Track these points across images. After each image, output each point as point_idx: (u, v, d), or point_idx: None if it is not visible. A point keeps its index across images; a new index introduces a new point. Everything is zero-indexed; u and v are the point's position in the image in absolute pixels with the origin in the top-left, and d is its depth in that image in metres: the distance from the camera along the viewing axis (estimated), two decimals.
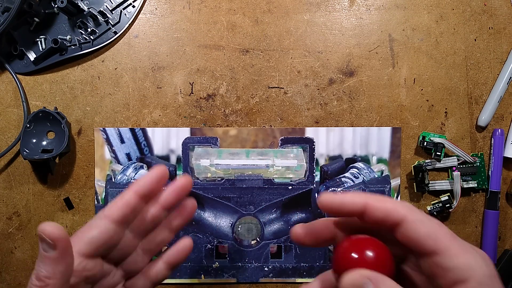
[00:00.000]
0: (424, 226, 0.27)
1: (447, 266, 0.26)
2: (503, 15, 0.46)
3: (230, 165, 0.45)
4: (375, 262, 0.27)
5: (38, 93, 0.46)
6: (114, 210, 0.31)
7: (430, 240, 0.27)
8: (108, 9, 0.45)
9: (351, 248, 0.27)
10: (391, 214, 0.27)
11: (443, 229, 0.28)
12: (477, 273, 0.26)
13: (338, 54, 0.46)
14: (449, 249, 0.27)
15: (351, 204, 0.28)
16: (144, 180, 0.32)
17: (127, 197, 0.32)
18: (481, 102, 0.46)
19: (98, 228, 0.31)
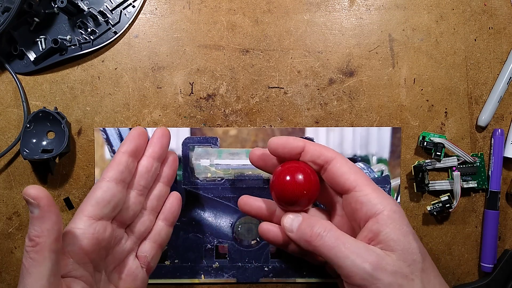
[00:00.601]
0: (347, 166, 0.33)
1: (362, 200, 0.31)
2: (503, 15, 0.46)
3: (230, 165, 0.45)
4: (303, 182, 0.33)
5: (38, 93, 0.46)
6: (110, 170, 0.34)
7: (351, 176, 0.32)
8: (108, 9, 0.45)
9: (285, 172, 0.33)
10: (323, 154, 0.33)
11: (361, 172, 0.33)
12: (386, 209, 0.31)
13: (338, 54, 0.46)
14: (364, 186, 0.32)
15: (293, 144, 0.34)
16: (127, 139, 0.36)
17: (117, 158, 0.35)
18: (481, 102, 0.46)
19: (100, 188, 0.33)
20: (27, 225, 0.45)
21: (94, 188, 0.34)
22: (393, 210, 0.31)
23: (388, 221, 0.30)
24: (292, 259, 0.45)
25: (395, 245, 0.29)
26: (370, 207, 0.31)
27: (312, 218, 0.32)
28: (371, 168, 0.45)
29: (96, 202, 0.33)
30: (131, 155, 0.36)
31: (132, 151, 0.36)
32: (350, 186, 0.32)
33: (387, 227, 0.30)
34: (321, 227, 0.31)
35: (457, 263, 0.46)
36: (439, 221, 0.46)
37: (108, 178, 0.34)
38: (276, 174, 0.34)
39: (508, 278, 0.44)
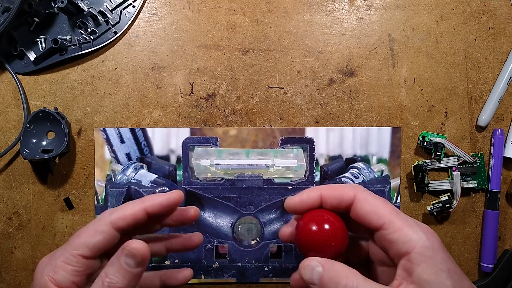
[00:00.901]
0: (368, 203, 0.30)
1: (391, 239, 0.29)
2: (503, 15, 0.46)
3: (230, 165, 0.45)
4: (329, 232, 0.30)
5: (38, 93, 0.46)
6: (120, 220, 0.32)
7: (375, 216, 0.30)
8: (108, 9, 0.45)
9: (310, 221, 0.31)
10: (343, 198, 0.31)
11: (387, 206, 0.30)
12: (417, 245, 0.28)
13: (338, 54, 0.46)
14: (391, 223, 0.29)
15: (308, 199, 0.32)
16: (158, 200, 0.33)
17: (136, 210, 0.32)
18: (481, 102, 0.46)
19: (103, 234, 0.31)
20: (27, 225, 0.45)
21: (97, 230, 0.32)
22: (424, 246, 0.29)
23: (419, 259, 0.28)
24: (292, 259, 0.45)
25: (426, 286, 0.28)
26: (401, 245, 0.29)
27: (334, 268, 0.29)
28: (371, 168, 0.45)
29: (94, 247, 0.31)
30: (150, 216, 0.33)
31: (153, 215, 0.33)
32: (377, 225, 0.30)
33: (419, 266, 0.28)
34: (346, 279, 0.28)
35: (457, 263, 0.46)
36: (439, 221, 0.46)
37: (115, 226, 0.32)
38: (301, 225, 0.32)
39: (508, 278, 0.44)
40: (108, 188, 0.45)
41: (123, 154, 0.46)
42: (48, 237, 0.45)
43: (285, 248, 0.45)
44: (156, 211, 0.33)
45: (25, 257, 0.45)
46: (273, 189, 0.45)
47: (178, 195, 0.34)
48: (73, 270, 0.31)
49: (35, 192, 0.46)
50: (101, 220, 0.32)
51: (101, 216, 0.32)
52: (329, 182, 0.45)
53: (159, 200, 0.33)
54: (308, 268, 0.30)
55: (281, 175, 0.45)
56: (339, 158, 0.46)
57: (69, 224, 0.46)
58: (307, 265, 0.30)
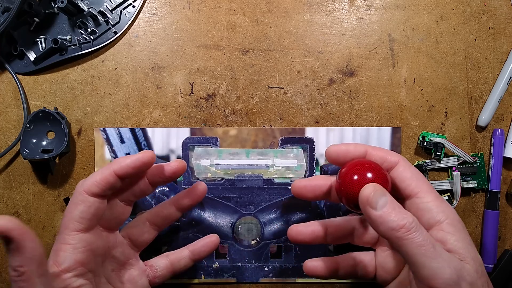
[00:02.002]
0: (410, 171, 0.32)
1: (424, 207, 0.30)
2: (503, 15, 0.46)
3: (230, 165, 0.45)
4: (381, 182, 0.30)
5: (38, 93, 0.46)
6: (93, 186, 0.32)
7: (414, 182, 0.31)
8: (108, 9, 0.45)
9: (361, 169, 0.30)
10: (386, 160, 0.32)
11: (424, 179, 0.32)
12: (450, 216, 0.30)
13: (338, 54, 0.46)
14: (427, 193, 0.30)
15: (355, 151, 0.33)
16: (126, 162, 0.33)
17: (105, 174, 0.33)
18: (481, 102, 0.46)
19: (82, 203, 0.32)
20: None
21: (76, 201, 0.32)
22: (456, 219, 0.30)
23: (452, 230, 0.29)
24: (292, 259, 0.45)
25: (466, 254, 0.28)
26: (433, 215, 0.30)
27: (400, 206, 0.29)
28: None
29: (80, 218, 0.32)
30: (121, 178, 0.33)
31: (124, 176, 0.33)
32: (412, 192, 0.31)
33: (453, 235, 0.29)
34: (412, 219, 0.28)
35: None
36: None
37: (89, 192, 0.32)
38: (345, 173, 0.31)
39: (508, 278, 0.44)
40: None
41: (123, 154, 0.46)
42: (48, 237, 0.45)
43: (285, 248, 0.45)
44: (127, 173, 0.33)
45: None
46: (273, 189, 0.45)
47: (148, 155, 0.33)
48: (72, 248, 0.31)
49: (35, 192, 0.46)
50: (76, 192, 0.32)
51: (75, 189, 0.33)
52: None
53: (127, 162, 0.33)
54: (378, 193, 0.28)
55: (281, 175, 0.45)
56: None
57: None
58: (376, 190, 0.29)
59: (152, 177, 0.36)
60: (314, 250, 0.45)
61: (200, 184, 0.39)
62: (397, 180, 0.32)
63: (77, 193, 0.32)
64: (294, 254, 0.45)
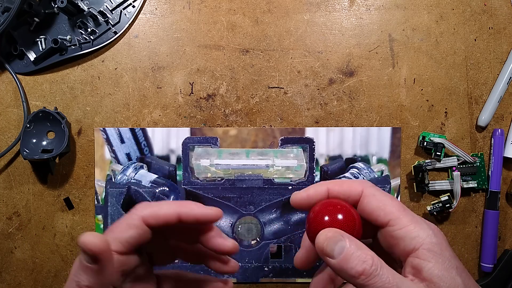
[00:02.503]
0: (376, 199, 0.30)
1: (397, 236, 0.28)
2: (503, 15, 0.46)
3: (230, 165, 0.45)
4: (344, 223, 0.29)
5: (38, 93, 0.46)
6: (152, 218, 0.31)
7: (381, 212, 0.29)
8: (108, 9, 0.45)
9: (323, 212, 0.29)
10: (351, 193, 0.30)
11: (394, 202, 0.30)
12: (425, 241, 0.28)
13: (338, 54, 0.46)
14: (398, 220, 0.29)
15: (315, 194, 0.31)
16: (195, 211, 0.31)
17: (170, 212, 0.31)
18: (481, 102, 0.46)
19: (135, 229, 0.30)
20: (27, 225, 0.45)
21: (130, 224, 0.30)
22: (432, 242, 0.28)
23: (429, 256, 0.28)
24: (292, 259, 0.45)
25: (440, 281, 0.27)
26: (408, 242, 0.28)
27: (359, 245, 0.28)
28: (371, 168, 0.45)
29: (127, 242, 0.30)
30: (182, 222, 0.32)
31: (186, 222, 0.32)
32: (383, 222, 0.29)
33: (428, 262, 0.27)
34: (371, 261, 0.27)
35: None
36: (439, 221, 0.46)
37: (147, 223, 0.31)
38: (308, 221, 0.30)
39: (508, 278, 0.44)
40: (108, 188, 0.45)
41: (123, 154, 0.46)
42: (48, 237, 0.45)
43: (285, 248, 0.45)
44: (189, 220, 0.31)
45: (25, 257, 0.45)
46: (273, 189, 0.45)
47: (217, 213, 0.32)
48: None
49: (35, 192, 0.46)
50: (133, 214, 0.31)
51: (134, 210, 0.31)
52: None
53: (195, 212, 0.31)
54: (332, 240, 0.27)
55: (281, 175, 0.45)
56: (339, 158, 0.46)
57: (69, 224, 0.46)
58: (331, 236, 0.28)
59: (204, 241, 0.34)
60: None
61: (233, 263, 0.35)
62: (365, 213, 0.30)
63: (134, 216, 0.31)
64: (294, 254, 0.45)
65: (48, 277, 0.45)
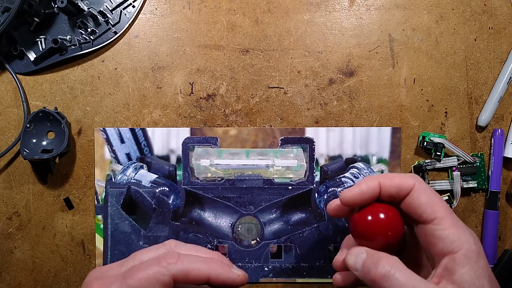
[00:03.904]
0: (426, 195, 0.30)
1: (439, 235, 0.29)
2: (503, 15, 0.46)
3: (230, 165, 0.45)
4: (387, 223, 0.30)
5: (38, 93, 0.46)
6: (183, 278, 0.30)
7: (429, 209, 0.30)
8: (108, 9, 0.45)
9: (367, 211, 0.31)
10: (403, 186, 0.31)
11: (442, 202, 0.30)
12: (464, 247, 0.29)
13: (338, 54, 0.46)
14: (443, 220, 0.29)
15: (368, 189, 0.31)
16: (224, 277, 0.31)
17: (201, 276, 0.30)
18: (481, 102, 0.46)
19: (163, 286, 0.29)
20: (27, 225, 0.45)
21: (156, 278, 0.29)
22: (471, 249, 0.29)
23: (464, 261, 0.28)
24: (292, 259, 0.45)
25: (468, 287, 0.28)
26: (447, 244, 0.29)
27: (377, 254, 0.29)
28: (371, 168, 0.45)
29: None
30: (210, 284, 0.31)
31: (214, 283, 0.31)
32: (428, 218, 0.30)
33: (463, 267, 0.28)
34: (387, 264, 0.28)
35: None
36: None
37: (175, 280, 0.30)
38: (358, 215, 0.32)
39: (508, 278, 0.44)
40: (108, 188, 0.45)
41: (123, 154, 0.46)
42: (48, 237, 0.45)
43: (285, 248, 0.45)
44: (217, 285, 0.31)
45: (25, 257, 0.45)
46: (273, 189, 0.45)
47: (243, 280, 0.32)
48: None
49: (35, 192, 0.46)
50: (164, 269, 0.29)
51: (165, 263, 0.29)
52: (329, 182, 0.45)
53: (225, 278, 0.31)
54: (353, 254, 0.30)
55: (281, 175, 0.45)
56: (339, 158, 0.46)
57: (69, 224, 0.46)
58: (353, 252, 0.30)
59: None
60: (314, 250, 0.45)
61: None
62: (412, 206, 0.31)
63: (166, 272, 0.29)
64: (294, 254, 0.45)
65: (48, 277, 0.45)
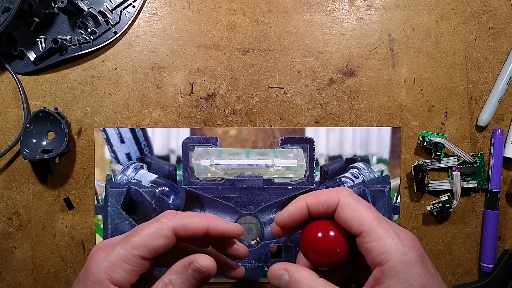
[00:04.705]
0: (350, 209, 0.30)
1: (367, 248, 0.29)
2: (503, 15, 0.46)
3: (230, 165, 0.45)
4: (332, 239, 0.31)
5: (38, 93, 0.46)
6: (182, 229, 0.32)
7: (355, 222, 0.30)
8: (108, 9, 0.45)
9: (314, 230, 0.32)
10: (329, 203, 0.31)
11: (369, 213, 0.30)
12: (392, 258, 0.28)
13: (338, 54, 0.46)
14: (370, 232, 0.29)
15: (296, 211, 0.32)
16: (222, 226, 0.33)
17: (200, 225, 0.32)
18: (481, 102, 0.46)
19: (165, 239, 0.32)
20: (27, 225, 0.45)
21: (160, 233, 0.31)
22: (399, 260, 0.28)
23: (392, 273, 0.28)
24: (292, 259, 0.45)
25: None
26: (375, 256, 0.29)
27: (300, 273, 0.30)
28: (371, 168, 0.45)
29: (155, 250, 0.31)
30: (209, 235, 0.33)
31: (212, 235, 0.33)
32: (356, 232, 0.30)
33: (390, 279, 0.28)
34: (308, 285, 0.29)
35: (457, 263, 0.46)
36: (439, 221, 0.46)
37: (176, 233, 0.32)
38: (306, 233, 0.33)
39: (508, 278, 0.44)
40: (108, 188, 0.45)
41: (123, 154, 0.46)
42: (48, 237, 0.45)
43: (285, 248, 0.45)
44: (216, 234, 0.33)
45: (25, 257, 0.45)
46: (273, 189, 0.45)
47: (240, 230, 0.34)
48: (131, 270, 0.31)
49: (35, 192, 0.46)
50: (164, 224, 0.32)
51: (164, 219, 0.32)
52: (329, 182, 0.45)
53: (223, 227, 0.33)
54: (276, 277, 0.31)
55: (281, 175, 0.45)
56: (339, 158, 0.46)
57: (69, 224, 0.46)
58: (274, 274, 0.31)
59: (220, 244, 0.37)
60: None
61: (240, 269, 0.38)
62: (341, 222, 0.31)
63: (166, 226, 0.32)
64: (294, 254, 0.45)
65: (48, 277, 0.45)
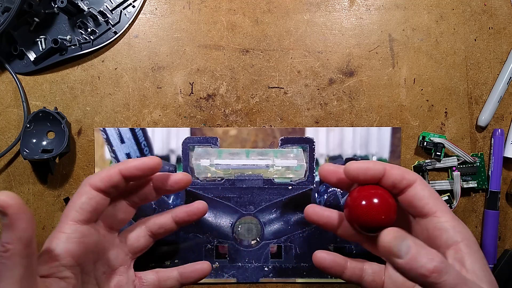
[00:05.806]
0: (428, 190, 0.31)
1: (441, 227, 0.30)
2: (503, 15, 0.46)
3: (230, 165, 0.45)
4: (382, 208, 0.30)
5: (38, 93, 0.46)
6: (98, 180, 0.33)
7: (432, 201, 0.30)
8: (108, 9, 0.45)
9: (361, 197, 0.31)
10: (405, 178, 0.31)
11: (441, 199, 0.32)
12: (466, 237, 0.30)
13: (338, 54, 0.46)
14: (444, 213, 0.30)
15: (374, 167, 0.32)
16: (133, 163, 0.34)
17: (111, 172, 0.34)
18: (481, 102, 0.46)
19: (85, 195, 0.33)
20: None
21: (80, 192, 0.33)
22: (472, 240, 0.30)
23: (469, 251, 0.29)
24: (292, 259, 0.45)
25: (483, 277, 0.28)
26: (451, 235, 0.29)
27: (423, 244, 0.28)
28: None
29: (80, 208, 0.32)
30: (126, 179, 0.34)
31: (128, 177, 0.34)
32: (430, 211, 0.30)
33: (470, 257, 0.29)
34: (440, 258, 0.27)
35: None
36: None
37: (94, 186, 0.33)
38: (353, 197, 0.32)
39: (508, 278, 0.44)
40: None
41: (123, 154, 0.46)
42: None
43: (285, 248, 0.45)
44: (132, 174, 0.34)
45: None
46: (273, 189, 0.45)
47: (154, 161, 0.34)
48: (66, 237, 0.32)
49: (35, 192, 0.46)
50: (81, 185, 0.33)
51: (82, 182, 0.34)
52: None
53: (134, 164, 0.34)
54: (398, 239, 0.27)
55: (281, 175, 0.45)
56: (339, 158, 0.46)
57: None
58: (396, 236, 0.27)
59: (157, 184, 0.36)
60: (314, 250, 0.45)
61: (200, 203, 0.38)
62: (415, 198, 0.31)
63: (82, 186, 0.33)
64: (294, 254, 0.45)
65: None
